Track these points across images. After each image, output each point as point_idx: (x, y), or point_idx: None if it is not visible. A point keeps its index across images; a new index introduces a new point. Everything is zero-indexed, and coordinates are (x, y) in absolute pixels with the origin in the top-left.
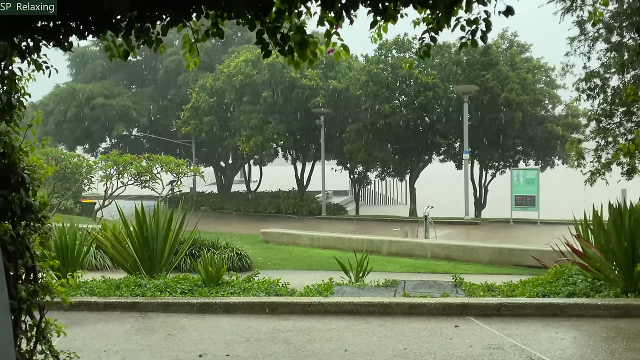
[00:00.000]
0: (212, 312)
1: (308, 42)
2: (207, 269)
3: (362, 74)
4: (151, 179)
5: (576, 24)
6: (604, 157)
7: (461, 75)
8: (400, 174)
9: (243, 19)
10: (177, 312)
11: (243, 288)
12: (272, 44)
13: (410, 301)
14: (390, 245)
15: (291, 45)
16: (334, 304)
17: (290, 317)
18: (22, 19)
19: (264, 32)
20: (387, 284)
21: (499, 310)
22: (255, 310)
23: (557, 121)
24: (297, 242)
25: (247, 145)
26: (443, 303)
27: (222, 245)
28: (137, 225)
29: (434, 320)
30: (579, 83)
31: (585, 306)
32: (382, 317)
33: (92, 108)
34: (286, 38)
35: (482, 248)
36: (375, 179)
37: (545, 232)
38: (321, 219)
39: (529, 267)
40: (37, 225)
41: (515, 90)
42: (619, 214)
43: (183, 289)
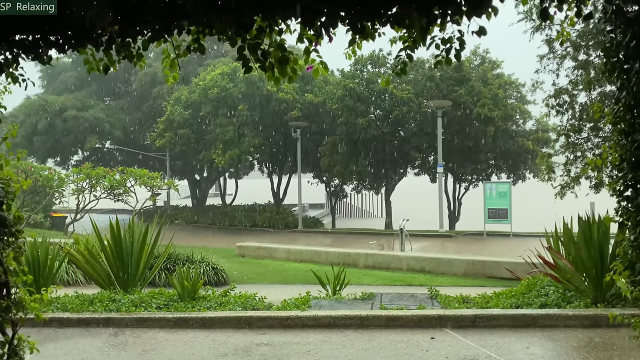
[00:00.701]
0: (188, 327)
1: (288, 58)
2: (182, 283)
3: (338, 88)
4: (124, 192)
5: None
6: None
7: (435, 91)
8: (376, 187)
9: (224, 35)
10: (152, 327)
11: (219, 303)
12: (253, 60)
13: (387, 314)
14: (366, 258)
15: (271, 61)
16: (312, 317)
17: (267, 331)
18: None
19: (244, 48)
20: (364, 297)
21: (474, 321)
22: (232, 324)
23: (527, 136)
24: (274, 255)
25: (223, 158)
26: (419, 315)
27: (197, 259)
28: (111, 239)
29: (410, 332)
30: (549, 99)
31: (557, 317)
32: (359, 330)
33: (64, 120)
34: (267, 54)
35: (457, 260)
36: (351, 192)
37: (517, 245)
38: (297, 232)
39: (502, 279)
40: (11, 239)
41: (488, 106)
42: (588, 227)
43: (158, 304)
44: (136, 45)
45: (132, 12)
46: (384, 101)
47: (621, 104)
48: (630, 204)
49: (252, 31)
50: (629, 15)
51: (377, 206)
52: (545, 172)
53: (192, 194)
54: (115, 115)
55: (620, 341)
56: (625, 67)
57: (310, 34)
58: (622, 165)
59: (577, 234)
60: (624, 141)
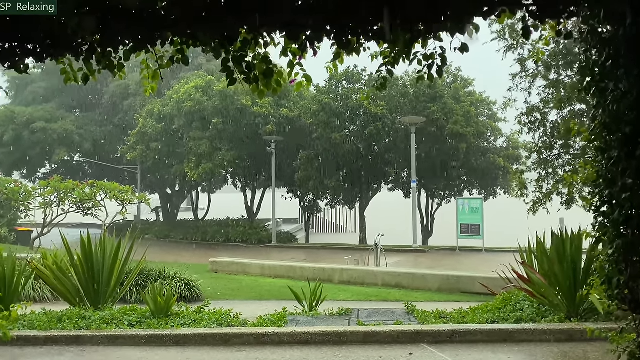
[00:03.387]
0: (162, 345)
1: (273, 71)
2: (155, 299)
3: (313, 103)
4: (94, 206)
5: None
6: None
7: (408, 107)
8: (350, 202)
9: (208, 47)
10: (124, 345)
11: (194, 319)
12: (237, 73)
13: (365, 329)
14: (342, 273)
15: (256, 74)
16: (289, 334)
17: (243, 348)
18: None
19: (229, 60)
20: (341, 312)
21: (451, 337)
22: (208, 342)
23: (499, 153)
24: (247, 271)
25: (196, 172)
26: (397, 331)
27: (170, 275)
28: (82, 254)
29: (388, 348)
30: (521, 117)
31: (533, 331)
32: (336, 347)
33: (31, 132)
34: (251, 67)
35: (431, 275)
36: (325, 207)
37: (489, 260)
38: (271, 248)
39: (476, 294)
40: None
41: (460, 123)
42: (561, 242)
43: (130, 321)
44: (117, 55)
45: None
46: (358, 117)
47: (597, 122)
48: (606, 219)
49: (236, 43)
50: (604, 35)
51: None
52: (518, 189)
53: (163, 208)
54: (86, 127)
55: (594, 354)
56: (601, 85)
57: (295, 48)
58: (598, 181)
59: (550, 249)
60: (600, 157)
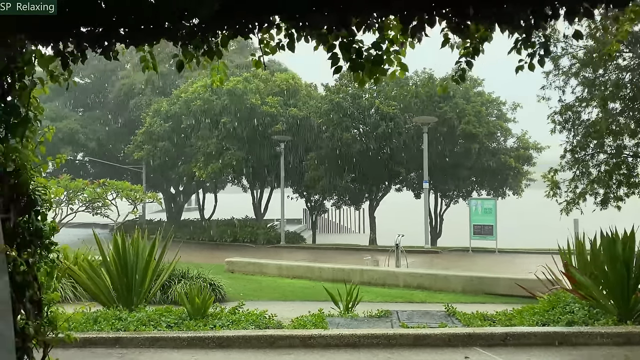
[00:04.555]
0: (204, 347)
1: (382, 58)
2: (193, 300)
3: (324, 102)
4: (104, 205)
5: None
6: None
7: (419, 107)
8: (357, 202)
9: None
10: (165, 347)
11: (231, 321)
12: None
13: (415, 332)
14: (362, 274)
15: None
16: (336, 336)
17: (291, 351)
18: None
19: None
20: (380, 314)
21: (504, 340)
22: (252, 344)
23: (509, 153)
24: (264, 271)
25: (205, 172)
26: (448, 334)
27: (193, 275)
28: (115, 254)
29: (440, 351)
30: (554, 115)
31: (589, 334)
32: (387, 350)
33: None
34: (361, 53)
35: (454, 277)
36: (331, 207)
37: (504, 261)
38: (280, 248)
39: (501, 296)
40: (44, 252)
41: (472, 123)
42: (612, 242)
43: (168, 322)
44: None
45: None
46: (369, 117)
47: None
48: None
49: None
50: None
51: (355, 222)
52: (550, 188)
53: (167, 207)
54: (90, 126)
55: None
56: None
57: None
58: None
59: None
60: None
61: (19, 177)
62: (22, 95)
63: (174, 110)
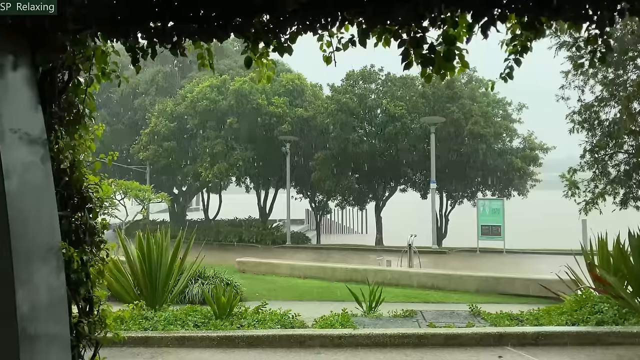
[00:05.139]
0: (235, 347)
1: (454, 53)
2: (219, 300)
3: (331, 102)
4: (111, 205)
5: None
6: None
7: (426, 108)
8: (362, 202)
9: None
10: (194, 346)
11: (256, 320)
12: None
13: (446, 332)
14: (375, 274)
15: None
16: (366, 336)
17: (321, 350)
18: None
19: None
20: (405, 314)
21: (536, 339)
22: (282, 343)
23: (515, 154)
24: (276, 271)
25: (210, 172)
26: (480, 333)
27: (209, 275)
28: (140, 253)
29: (472, 350)
30: (573, 115)
31: (622, 334)
32: (418, 349)
33: None
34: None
35: (469, 277)
36: (335, 207)
37: (513, 261)
38: (286, 248)
39: (516, 296)
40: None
41: (480, 123)
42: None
43: (195, 322)
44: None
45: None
46: (376, 117)
47: None
48: None
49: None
50: None
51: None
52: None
53: (170, 208)
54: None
55: None
56: None
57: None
58: None
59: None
60: None
61: (72, 174)
62: (78, 91)
63: (179, 110)
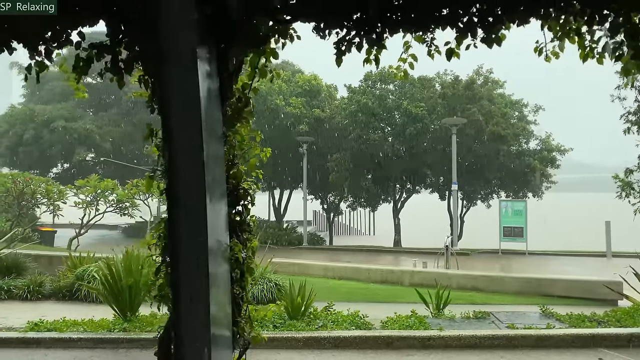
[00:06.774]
0: (321, 348)
1: None
2: (293, 300)
3: (351, 103)
4: (131, 205)
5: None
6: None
7: (446, 109)
8: (374, 204)
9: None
10: (281, 347)
11: (331, 321)
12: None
13: (537, 333)
14: (412, 276)
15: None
16: (455, 337)
17: (410, 352)
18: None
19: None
20: (478, 315)
21: (629, 341)
22: (369, 344)
23: (533, 155)
24: (308, 272)
25: None
26: (572, 335)
27: (256, 276)
28: None
29: (569, 352)
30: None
31: None
32: (510, 351)
33: (51, 131)
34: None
35: (509, 278)
36: (346, 209)
37: (537, 262)
38: (303, 249)
39: (559, 297)
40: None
41: (500, 124)
42: None
43: (273, 322)
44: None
45: None
46: (395, 118)
47: None
48: None
49: None
50: None
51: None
52: (622, 189)
53: None
54: (104, 127)
55: None
56: None
57: None
58: None
59: None
60: None
61: (232, 168)
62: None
63: None
